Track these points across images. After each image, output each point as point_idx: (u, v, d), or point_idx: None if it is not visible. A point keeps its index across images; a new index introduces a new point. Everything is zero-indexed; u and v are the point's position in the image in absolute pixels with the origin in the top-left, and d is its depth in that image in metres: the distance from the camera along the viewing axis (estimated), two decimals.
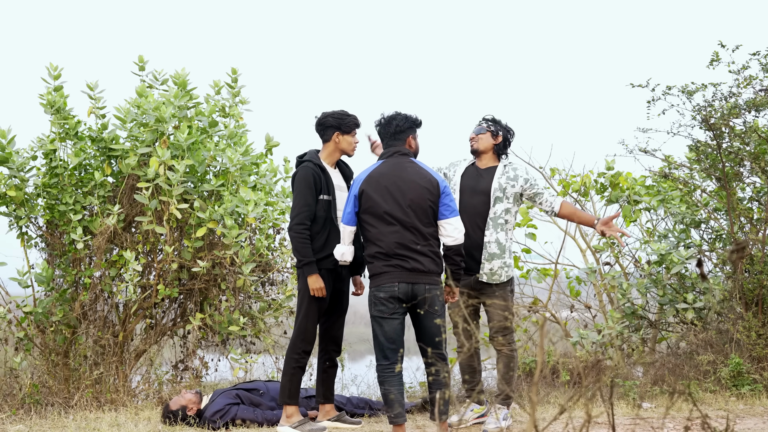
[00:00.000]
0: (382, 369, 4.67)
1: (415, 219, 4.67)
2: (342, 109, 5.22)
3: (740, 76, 6.50)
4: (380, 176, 4.74)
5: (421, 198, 4.69)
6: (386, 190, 4.69)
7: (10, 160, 6.05)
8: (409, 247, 4.65)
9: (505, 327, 5.25)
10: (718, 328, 6.63)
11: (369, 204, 4.71)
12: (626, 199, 7.64)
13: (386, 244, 4.65)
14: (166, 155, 5.95)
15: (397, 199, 4.68)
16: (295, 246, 5.01)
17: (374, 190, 4.70)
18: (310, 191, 5.03)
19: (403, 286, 4.62)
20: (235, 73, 6.57)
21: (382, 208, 4.67)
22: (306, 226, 5.00)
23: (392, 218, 4.66)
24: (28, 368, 6.26)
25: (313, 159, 5.15)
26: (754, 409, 5.68)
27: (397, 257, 4.64)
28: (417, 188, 4.70)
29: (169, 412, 5.37)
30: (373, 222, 4.71)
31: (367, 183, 4.73)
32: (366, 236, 4.77)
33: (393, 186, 4.70)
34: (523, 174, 5.30)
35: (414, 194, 4.69)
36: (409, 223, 4.66)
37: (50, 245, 6.30)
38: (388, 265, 4.64)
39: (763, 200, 6.77)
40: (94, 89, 6.26)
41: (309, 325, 5.08)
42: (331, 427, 5.24)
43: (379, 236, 4.68)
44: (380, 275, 4.67)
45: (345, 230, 4.85)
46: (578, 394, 2.64)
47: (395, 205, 4.67)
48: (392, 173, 4.74)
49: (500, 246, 5.21)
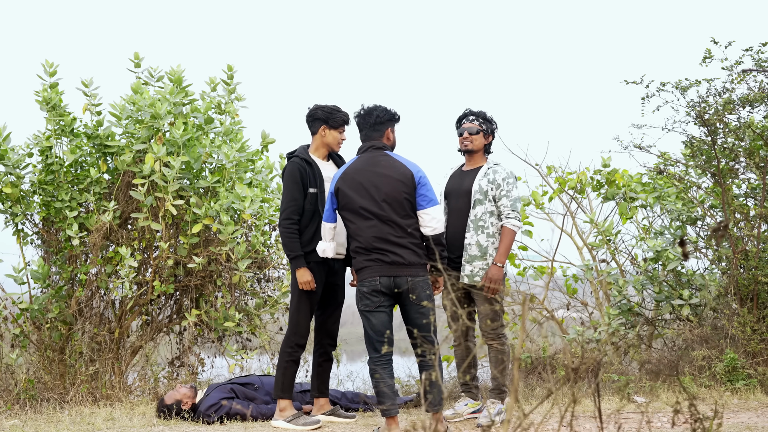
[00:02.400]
0: (374, 361, 4.70)
1: (392, 212, 4.70)
2: (335, 105, 5.24)
3: (733, 72, 6.52)
4: (355, 172, 4.79)
5: (395, 191, 4.72)
6: (360, 185, 4.74)
7: (6, 157, 6.07)
8: (389, 240, 4.68)
9: (493, 321, 5.25)
10: (713, 323, 6.64)
11: (345, 201, 4.77)
12: (622, 195, 7.65)
13: (365, 239, 4.71)
14: (161, 152, 5.97)
15: (372, 194, 4.72)
16: (283, 241, 5.07)
17: (349, 187, 4.75)
18: (297, 186, 5.08)
19: (384, 279, 4.67)
20: (231, 69, 6.59)
21: (357, 204, 4.72)
22: (293, 221, 5.05)
23: (369, 213, 4.71)
24: (24, 364, 6.28)
25: (300, 154, 5.19)
26: (749, 404, 5.68)
27: (376, 251, 4.69)
28: (391, 182, 4.73)
29: (164, 406, 5.38)
30: (351, 218, 4.77)
31: (342, 180, 4.79)
32: (348, 232, 4.86)
33: (367, 182, 4.74)
34: (501, 178, 5.28)
35: (389, 188, 4.72)
36: (386, 216, 4.70)
37: (46, 242, 6.32)
38: (368, 259, 4.70)
39: (758, 196, 6.77)
40: (89, 86, 6.29)
41: (301, 319, 5.10)
42: (326, 421, 5.25)
43: (358, 231, 4.74)
44: (362, 270, 4.74)
45: (325, 227, 4.92)
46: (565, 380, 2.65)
47: (370, 200, 4.71)
48: (366, 168, 4.78)
49: (481, 248, 5.21)
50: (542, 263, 7.88)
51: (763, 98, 6.46)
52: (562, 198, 7.87)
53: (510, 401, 2.55)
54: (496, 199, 5.27)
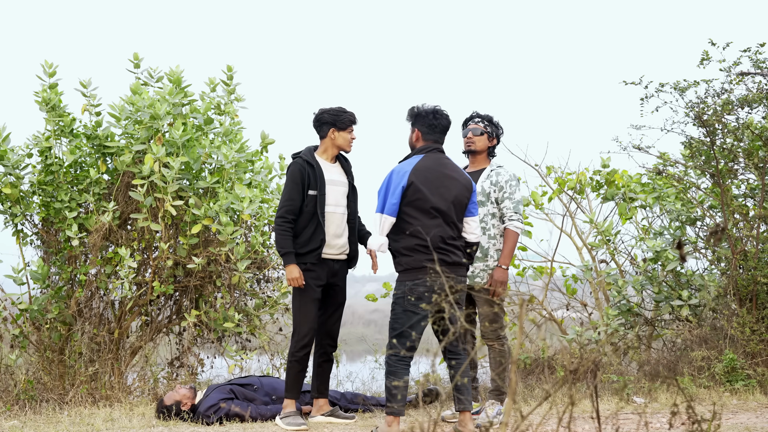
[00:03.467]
0: (398, 360, 4.62)
1: (454, 215, 4.74)
2: (339, 106, 5.26)
3: (731, 73, 6.52)
4: (426, 170, 4.74)
5: (461, 195, 4.77)
6: (433, 184, 4.71)
7: (5, 157, 6.08)
8: (450, 242, 4.72)
9: (494, 323, 5.27)
10: (712, 324, 6.64)
11: (417, 197, 4.68)
12: (621, 196, 7.66)
13: (431, 238, 4.66)
14: (161, 152, 5.97)
15: (443, 194, 4.71)
16: (275, 238, 5.11)
17: (422, 184, 4.69)
18: (296, 187, 5.09)
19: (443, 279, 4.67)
20: (231, 70, 6.60)
21: (430, 202, 4.69)
22: (287, 219, 5.08)
23: (437, 212, 4.69)
24: (23, 365, 6.28)
25: (304, 155, 5.21)
26: (748, 404, 5.68)
27: (440, 251, 4.66)
28: (458, 185, 4.77)
29: (164, 407, 5.39)
30: (416, 215, 4.68)
31: (415, 175, 4.70)
32: (404, 228, 4.71)
33: (438, 182, 4.72)
34: (504, 180, 5.30)
35: (456, 191, 4.75)
36: (450, 218, 4.73)
37: (46, 242, 6.32)
38: (429, 259, 4.62)
39: (757, 196, 6.78)
40: (88, 87, 6.29)
41: (302, 318, 5.11)
42: (325, 422, 5.26)
43: (422, 229, 4.67)
44: (419, 269, 4.65)
45: (387, 221, 4.72)
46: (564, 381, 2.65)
47: (441, 200, 4.70)
48: (436, 168, 4.76)
49: (482, 249, 5.25)
50: (542, 264, 7.89)
51: (761, 99, 6.46)
52: (561, 198, 7.88)
53: (508, 402, 2.55)
54: (498, 201, 5.29)
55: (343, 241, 5.23)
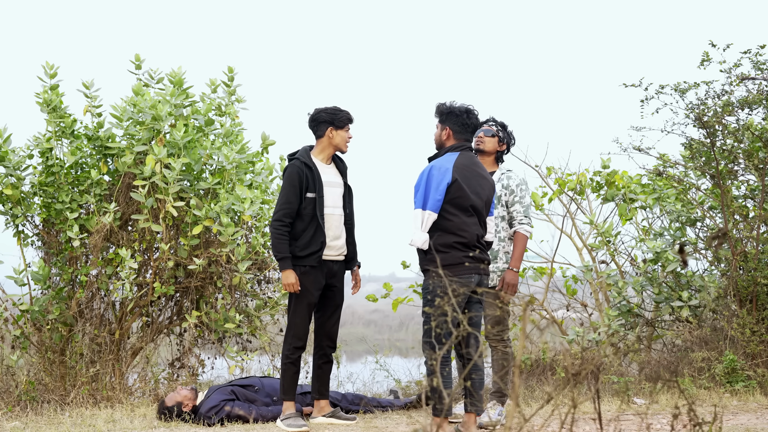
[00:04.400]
0: (435, 359, 4.55)
1: (485, 213, 4.79)
2: (335, 105, 5.26)
3: (732, 75, 6.54)
4: (465, 168, 4.73)
5: (491, 194, 4.83)
6: (470, 182, 4.71)
7: (7, 158, 6.08)
8: (481, 240, 4.77)
9: (498, 325, 5.29)
10: (712, 325, 6.65)
11: (459, 194, 4.66)
12: (622, 197, 7.67)
13: (470, 235, 4.67)
14: (162, 153, 5.98)
15: (479, 193, 4.74)
16: (272, 242, 5.10)
17: (463, 182, 4.68)
18: (293, 189, 5.09)
19: (477, 277, 4.69)
20: (232, 71, 6.60)
21: (469, 200, 4.68)
22: (283, 223, 5.07)
23: (474, 210, 4.71)
24: (25, 366, 6.29)
25: (301, 157, 5.19)
26: (748, 405, 5.70)
27: (476, 248, 4.70)
28: (489, 185, 4.82)
29: (165, 408, 5.39)
30: (456, 212, 4.67)
31: (457, 172, 4.68)
32: (443, 226, 4.67)
33: (474, 180, 4.73)
34: (515, 184, 5.34)
35: (488, 191, 4.80)
36: (482, 217, 4.78)
37: (47, 243, 6.33)
38: (467, 256, 4.64)
39: (757, 197, 6.79)
40: (89, 88, 6.30)
41: (297, 321, 5.12)
42: (326, 423, 5.27)
43: (462, 227, 4.65)
44: (456, 266, 4.62)
45: (431, 217, 4.66)
46: (565, 383, 2.66)
47: (478, 198, 4.73)
48: (471, 167, 4.76)
49: (491, 252, 5.27)
50: (542, 264, 7.90)
51: (761, 100, 6.47)
52: (561, 199, 7.89)
53: (511, 405, 2.56)
54: (508, 205, 5.33)
55: (341, 242, 5.23)
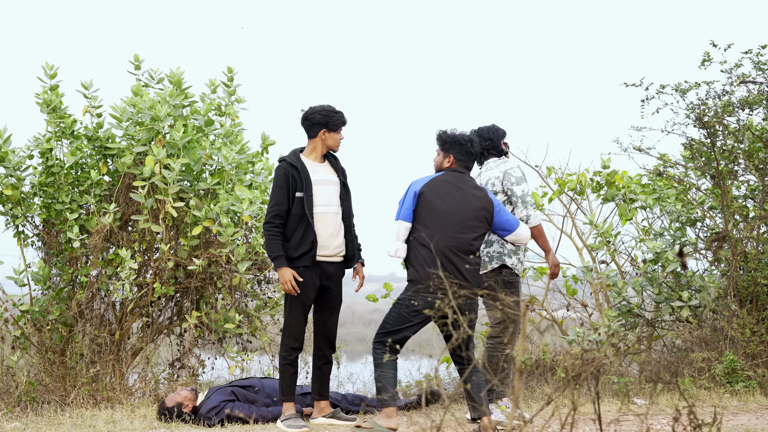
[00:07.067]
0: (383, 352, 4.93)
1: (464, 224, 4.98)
2: (329, 105, 5.24)
3: (732, 75, 6.54)
4: (442, 183, 5.02)
5: (478, 206, 5.01)
6: (441, 194, 4.99)
7: (6, 159, 6.08)
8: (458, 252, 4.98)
9: (498, 325, 5.31)
10: (713, 325, 6.65)
11: (426, 204, 4.96)
12: (622, 197, 7.66)
13: (438, 245, 4.87)
14: (161, 154, 5.98)
15: (450, 203, 4.98)
16: (265, 243, 5.13)
17: (433, 191, 4.98)
18: (281, 190, 5.10)
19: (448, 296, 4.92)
20: (231, 71, 6.59)
21: (437, 209, 4.95)
22: (274, 224, 5.09)
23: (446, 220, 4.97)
24: (25, 366, 6.29)
25: (288, 158, 5.20)
26: (748, 406, 5.70)
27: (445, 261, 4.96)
28: (470, 197, 5.02)
29: (165, 409, 5.39)
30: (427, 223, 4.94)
31: (430, 185, 4.97)
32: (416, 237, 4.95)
33: (448, 192, 5.01)
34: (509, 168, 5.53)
35: (471, 202, 4.99)
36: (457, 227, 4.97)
37: (47, 244, 6.32)
38: (436, 275, 4.81)
39: (757, 198, 6.79)
40: (89, 88, 6.29)
41: (293, 322, 5.13)
42: (327, 424, 5.26)
43: (430, 237, 4.87)
44: (424, 284, 4.86)
45: (402, 225, 5.00)
46: (566, 385, 2.66)
47: (449, 208, 4.97)
48: (452, 182, 5.03)
49: (486, 240, 5.42)
50: (542, 264, 7.89)
51: (761, 101, 6.47)
52: (561, 199, 7.88)
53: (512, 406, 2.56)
54: (506, 191, 5.48)
55: (339, 241, 5.20)
